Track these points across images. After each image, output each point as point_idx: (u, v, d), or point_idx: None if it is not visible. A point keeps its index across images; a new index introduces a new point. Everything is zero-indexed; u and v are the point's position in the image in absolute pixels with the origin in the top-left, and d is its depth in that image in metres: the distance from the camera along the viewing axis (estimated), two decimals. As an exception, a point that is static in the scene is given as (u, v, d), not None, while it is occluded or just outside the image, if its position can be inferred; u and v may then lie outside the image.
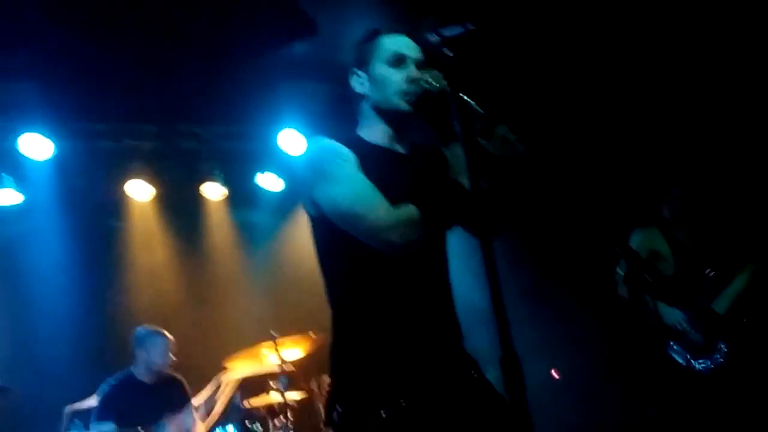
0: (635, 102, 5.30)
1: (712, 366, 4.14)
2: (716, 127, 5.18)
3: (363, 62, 2.23)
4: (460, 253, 2.27)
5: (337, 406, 2.01)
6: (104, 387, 4.73)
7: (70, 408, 4.61)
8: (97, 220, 6.16)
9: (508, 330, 1.71)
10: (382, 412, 1.92)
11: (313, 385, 5.08)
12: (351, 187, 2.02)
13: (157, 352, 4.81)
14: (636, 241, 4.49)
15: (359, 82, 2.24)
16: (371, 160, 2.10)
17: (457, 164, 2.05)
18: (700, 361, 4.16)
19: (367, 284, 2.06)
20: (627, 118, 5.35)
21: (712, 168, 5.02)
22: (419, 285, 2.08)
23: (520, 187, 2.27)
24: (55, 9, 4.61)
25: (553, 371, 4.45)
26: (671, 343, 4.20)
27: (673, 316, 4.20)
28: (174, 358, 4.88)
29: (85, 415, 4.62)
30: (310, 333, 4.57)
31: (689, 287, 4.32)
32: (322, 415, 2.12)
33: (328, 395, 2.07)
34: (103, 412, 4.59)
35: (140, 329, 4.91)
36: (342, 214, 2.03)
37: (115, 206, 6.16)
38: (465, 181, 1.95)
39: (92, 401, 4.67)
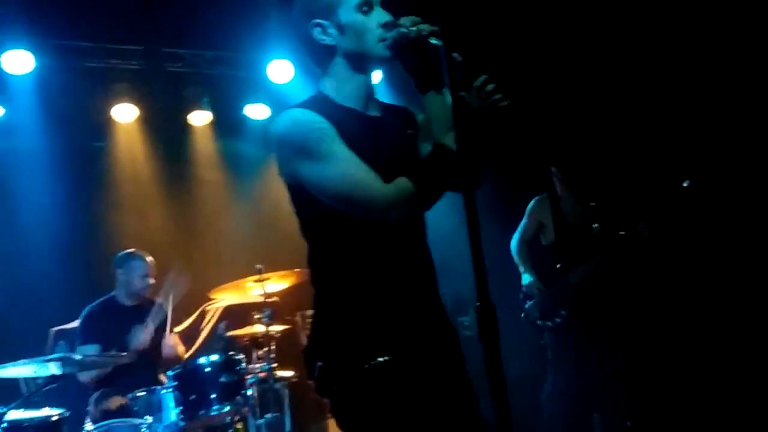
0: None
1: (551, 325, 4.78)
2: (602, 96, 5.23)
3: (326, 11, 2.06)
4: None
5: (319, 361, 2.02)
6: (87, 311, 4.76)
7: (55, 330, 4.65)
8: (80, 139, 6.03)
9: (486, 280, 1.71)
10: (364, 365, 1.93)
11: (297, 318, 5.16)
12: (340, 166, 1.94)
13: (135, 275, 4.82)
14: (530, 209, 5.00)
15: (326, 34, 2.07)
16: (347, 126, 2.01)
17: (436, 116, 2.00)
18: (546, 321, 4.81)
19: (350, 245, 2.03)
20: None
21: (596, 137, 5.18)
22: (400, 243, 2.06)
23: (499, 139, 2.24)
24: None
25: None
26: (527, 301, 4.89)
27: (531, 280, 4.88)
28: (153, 281, 4.87)
29: (70, 337, 4.66)
30: (296, 269, 4.58)
31: (556, 257, 4.84)
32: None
33: (308, 347, 2.08)
34: (86, 335, 4.65)
35: (120, 253, 4.92)
36: (333, 195, 1.96)
37: (99, 126, 6.02)
38: (447, 140, 1.94)
39: (77, 324, 4.71)
